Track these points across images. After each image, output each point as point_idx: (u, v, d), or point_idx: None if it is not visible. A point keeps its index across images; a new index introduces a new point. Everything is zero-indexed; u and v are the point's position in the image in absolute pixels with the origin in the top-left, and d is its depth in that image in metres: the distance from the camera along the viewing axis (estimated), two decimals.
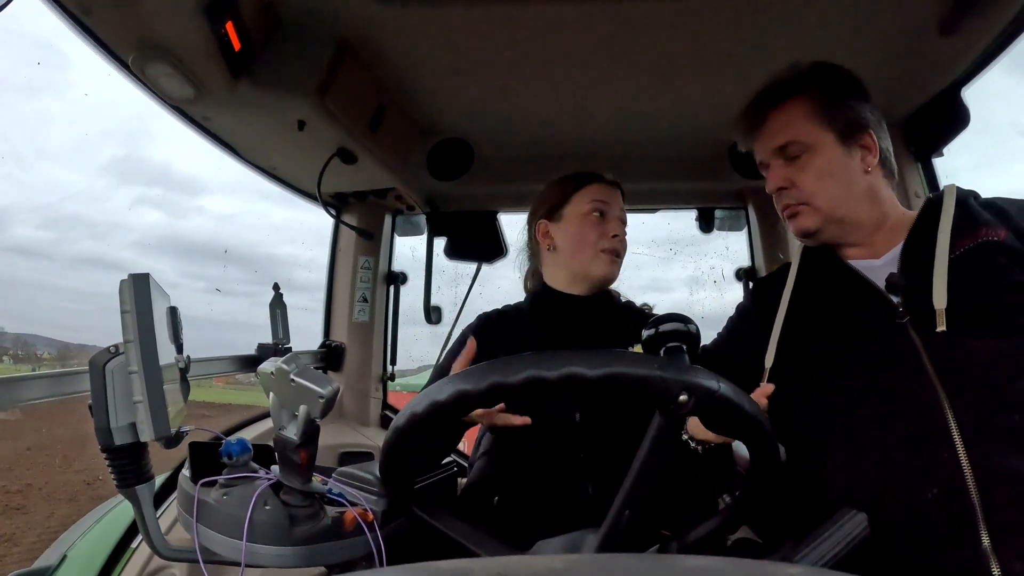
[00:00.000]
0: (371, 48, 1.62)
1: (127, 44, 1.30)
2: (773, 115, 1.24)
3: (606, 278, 1.54)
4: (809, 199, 1.20)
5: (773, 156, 1.24)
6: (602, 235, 1.52)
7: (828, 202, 1.19)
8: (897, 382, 1.04)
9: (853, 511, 0.73)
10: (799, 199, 1.21)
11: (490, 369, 0.73)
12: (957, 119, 1.71)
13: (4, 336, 55.70)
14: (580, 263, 1.53)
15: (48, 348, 58.77)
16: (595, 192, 1.56)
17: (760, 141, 1.27)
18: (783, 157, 1.22)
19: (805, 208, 1.21)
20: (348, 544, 0.97)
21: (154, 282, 0.89)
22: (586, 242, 1.52)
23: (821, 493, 1.11)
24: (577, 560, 0.53)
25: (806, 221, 1.22)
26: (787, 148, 1.21)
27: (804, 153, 1.20)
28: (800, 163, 1.21)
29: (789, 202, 1.23)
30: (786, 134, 1.21)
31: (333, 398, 0.90)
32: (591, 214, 1.53)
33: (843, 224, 1.20)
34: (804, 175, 1.20)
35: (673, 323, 0.81)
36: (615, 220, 1.55)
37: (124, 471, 0.92)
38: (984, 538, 0.91)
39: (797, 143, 1.20)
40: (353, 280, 2.44)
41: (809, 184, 1.20)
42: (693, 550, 0.88)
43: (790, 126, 1.21)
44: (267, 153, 1.97)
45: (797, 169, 1.21)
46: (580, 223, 1.54)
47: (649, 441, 0.75)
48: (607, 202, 1.55)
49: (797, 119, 1.21)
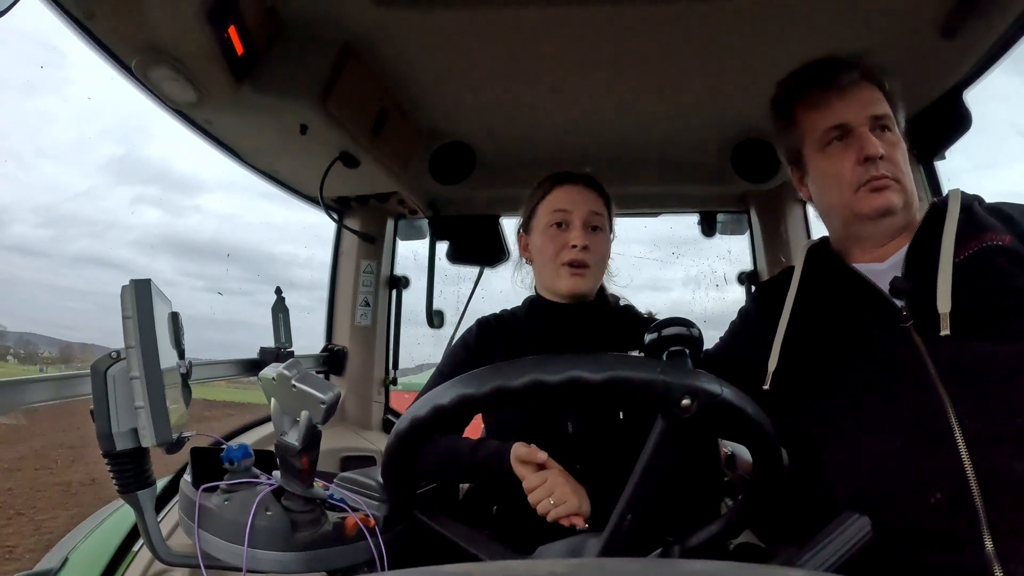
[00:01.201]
0: (373, 52, 1.63)
1: (130, 48, 1.31)
2: (867, 84, 1.19)
3: (572, 292, 1.45)
4: (901, 177, 1.15)
5: (867, 123, 1.17)
6: (562, 246, 1.43)
7: (910, 187, 1.16)
8: (900, 386, 1.04)
9: (856, 515, 0.73)
10: (894, 174, 1.15)
11: (492, 373, 0.73)
12: (959, 122, 1.70)
13: (6, 335, 55.79)
14: (547, 277, 1.49)
15: (49, 347, 58.93)
16: (555, 199, 1.48)
17: (853, 100, 1.18)
18: (877, 128, 1.17)
19: (896, 184, 1.15)
20: (350, 549, 0.97)
21: (155, 288, 0.89)
22: (547, 256, 1.46)
23: (824, 497, 1.10)
24: (579, 564, 0.53)
25: (894, 196, 1.14)
26: (883, 120, 1.17)
27: (893, 134, 1.17)
28: (891, 141, 1.16)
29: (884, 173, 1.15)
30: (883, 107, 1.18)
31: (334, 404, 0.90)
32: (551, 226, 1.45)
33: (905, 213, 1.17)
34: (898, 153, 1.16)
35: (676, 327, 0.81)
36: (578, 228, 1.43)
37: (126, 476, 0.92)
38: (987, 542, 0.91)
39: (891, 120, 1.17)
40: (355, 284, 2.44)
41: (902, 164, 1.16)
42: (695, 554, 0.87)
43: (883, 102, 1.18)
44: (269, 157, 1.98)
45: (890, 146, 1.16)
46: (543, 236, 1.47)
47: (651, 445, 0.75)
48: (568, 209, 1.45)
49: (884, 101, 1.19)
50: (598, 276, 1.51)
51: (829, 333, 1.17)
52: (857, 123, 1.16)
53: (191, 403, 1.08)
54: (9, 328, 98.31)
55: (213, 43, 1.30)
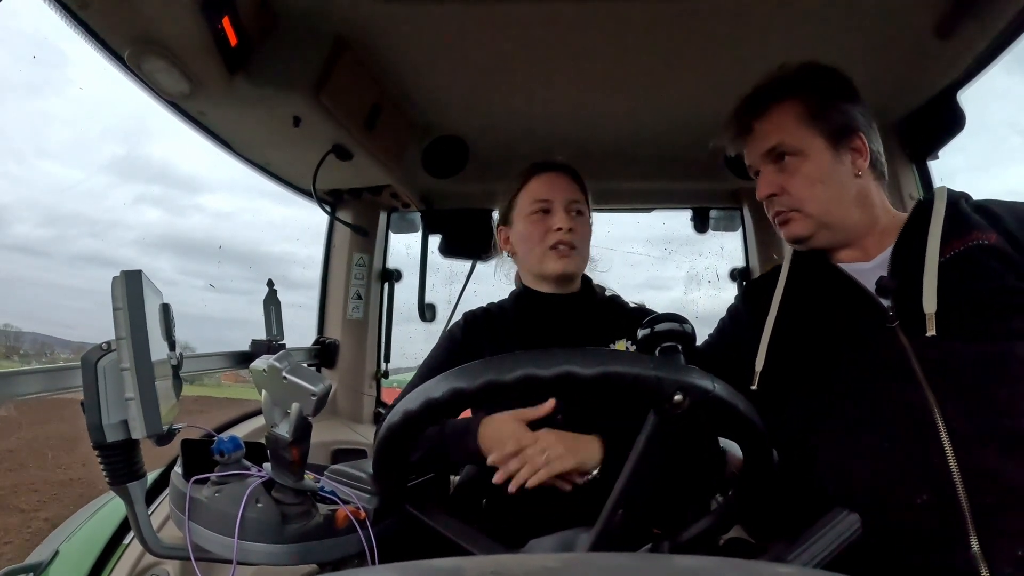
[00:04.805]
0: (367, 45, 1.62)
1: (123, 39, 1.30)
2: (762, 118, 1.23)
3: (561, 273, 1.49)
4: (800, 205, 1.20)
5: (763, 161, 1.24)
6: (547, 230, 1.47)
7: (819, 208, 1.19)
8: (886, 385, 1.04)
9: (845, 511, 0.73)
10: (790, 205, 1.21)
11: (485, 367, 0.73)
12: (953, 122, 1.71)
13: (22, 336, 54.92)
14: (534, 263, 1.51)
15: (63, 349, 58.16)
16: (534, 190, 1.52)
17: (749, 145, 1.26)
18: (773, 162, 1.22)
19: (796, 215, 1.21)
20: (340, 542, 0.97)
21: (146, 279, 0.88)
22: (533, 242, 1.49)
23: (813, 494, 1.11)
24: (571, 559, 0.53)
25: (797, 228, 1.21)
26: (776, 150, 1.21)
27: (794, 157, 1.19)
28: (790, 169, 1.20)
29: (780, 208, 1.23)
30: (775, 136, 1.21)
31: (325, 396, 0.90)
32: (534, 213, 1.50)
33: (834, 229, 1.20)
34: (794, 181, 1.19)
35: (668, 323, 0.82)
36: (560, 212, 1.48)
37: (116, 468, 0.92)
38: (973, 542, 0.91)
39: (787, 146, 1.19)
40: (347, 277, 2.44)
41: (800, 190, 1.19)
42: (686, 549, 0.88)
43: (780, 128, 1.21)
44: (262, 149, 1.97)
45: (788, 175, 1.20)
46: (525, 224, 1.51)
47: (643, 441, 0.75)
48: (548, 197, 1.50)
49: (786, 123, 1.20)
50: (584, 257, 1.54)
51: (816, 333, 1.17)
52: (757, 164, 1.26)
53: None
54: (24, 329, 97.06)
55: (207, 34, 1.29)
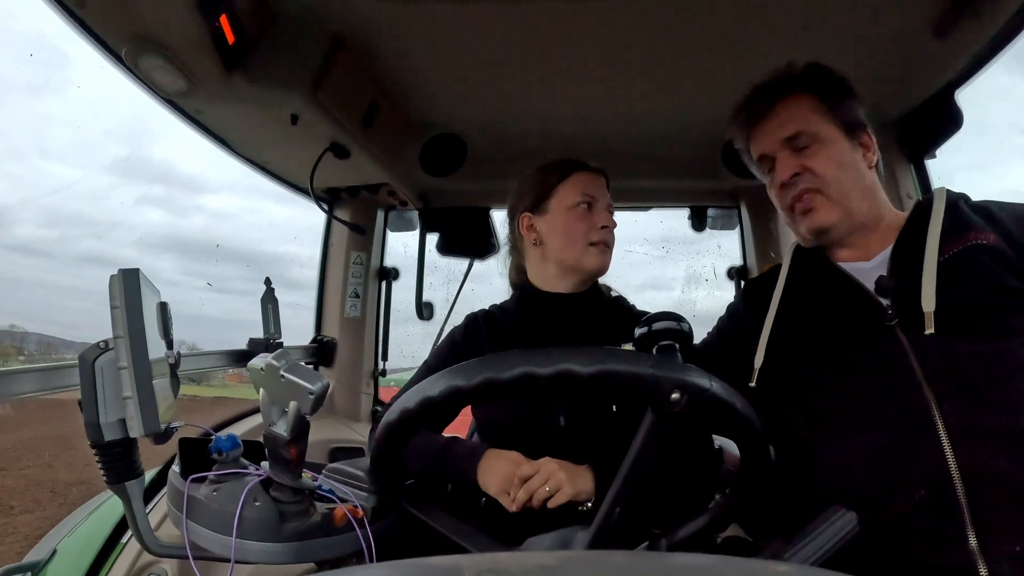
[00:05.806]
0: (365, 43, 1.62)
1: (121, 37, 1.30)
2: (780, 105, 1.22)
3: (598, 270, 1.49)
4: (824, 186, 1.17)
5: (781, 147, 1.21)
6: (591, 227, 1.45)
7: (841, 191, 1.17)
8: (885, 384, 1.05)
9: (843, 509, 0.73)
10: (815, 185, 1.18)
11: (483, 365, 0.73)
12: (950, 121, 1.71)
13: (28, 337, 54.48)
14: (570, 257, 1.47)
15: (67, 350, 57.75)
16: (581, 182, 1.49)
17: (766, 131, 1.24)
18: (792, 148, 1.20)
19: (821, 199, 1.18)
20: (338, 540, 0.97)
21: (144, 277, 0.88)
22: (575, 235, 1.46)
23: (811, 492, 1.11)
24: (568, 557, 0.54)
25: (822, 215, 1.18)
26: (796, 139, 1.19)
27: (814, 143, 1.18)
28: (811, 152, 1.18)
29: (807, 186, 1.18)
30: (796, 124, 1.19)
31: (323, 394, 0.89)
32: (578, 206, 1.46)
33: (852, 217, 1.18)
34: (818, 162, 1.18)
35: (666, 321, 0.82)
36: (603, 210, 1.48)
37: (114, 467, 0.91)
38: (971, 539, 0.92)
39: (807, 134, 1.18)
40: (345, 275, 2.43)
41: (824, 170, 1.17)
42: (683, 548, 0.88)
43: (799, 116, 1.20)
44: (260, 147, 1.96)
45: (809, 157, 1.18)
46: (567, 216, 1.47)
47: (640, 439, 0.76)
48: (594, 193, 1.48)
49: (805, 111, 1.20)
50: (610, 259, 1.54)
51: (815, 331, 1.17)
52: (773, 151, 1.23)
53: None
54: (29, 330, 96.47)
55: (204, 32, 1.29)
